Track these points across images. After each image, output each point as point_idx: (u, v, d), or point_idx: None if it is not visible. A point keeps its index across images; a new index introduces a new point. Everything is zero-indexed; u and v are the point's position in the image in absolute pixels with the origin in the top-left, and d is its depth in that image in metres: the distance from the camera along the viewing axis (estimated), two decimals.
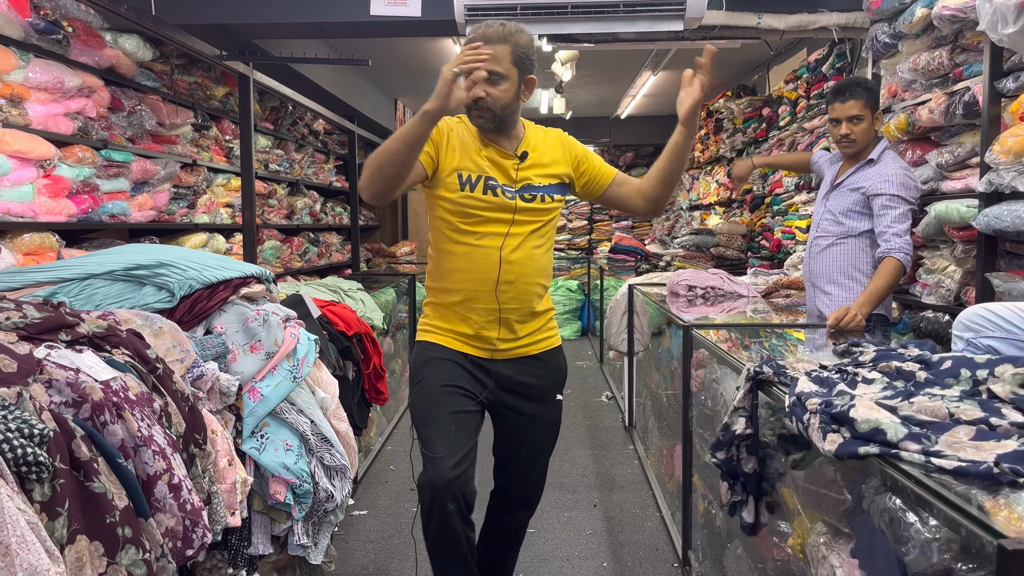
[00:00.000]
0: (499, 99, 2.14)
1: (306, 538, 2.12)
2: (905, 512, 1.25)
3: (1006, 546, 0.91)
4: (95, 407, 1.27)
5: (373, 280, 5.42)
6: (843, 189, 3.09)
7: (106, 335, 1.49)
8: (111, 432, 1.28)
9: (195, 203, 4.59)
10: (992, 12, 2.57)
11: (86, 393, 1.27)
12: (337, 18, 4.21)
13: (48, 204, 3.20)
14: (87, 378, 1.30)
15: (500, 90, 2.13)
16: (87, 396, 1.27)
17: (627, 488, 3.96)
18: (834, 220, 3.09)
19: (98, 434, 1.24)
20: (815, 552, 1.60)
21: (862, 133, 3.03)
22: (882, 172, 2.97)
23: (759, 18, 4.14)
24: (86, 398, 1.27)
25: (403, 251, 8.78)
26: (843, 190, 3.09)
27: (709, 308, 3.56)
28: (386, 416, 4.92)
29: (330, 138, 7.59)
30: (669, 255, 6.62)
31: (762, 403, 2.16)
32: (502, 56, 2.12)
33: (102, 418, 1.28)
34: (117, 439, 1.29)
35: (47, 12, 3.24)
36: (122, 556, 1.20)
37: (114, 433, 1.29)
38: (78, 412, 1.27)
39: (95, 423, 1.27)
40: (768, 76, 6.79)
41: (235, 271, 2.19)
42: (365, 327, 3.11)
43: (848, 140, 3.04)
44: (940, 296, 3.21)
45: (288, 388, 2.09)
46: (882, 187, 2.93)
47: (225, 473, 1.74)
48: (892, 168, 2.97)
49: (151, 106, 4.05)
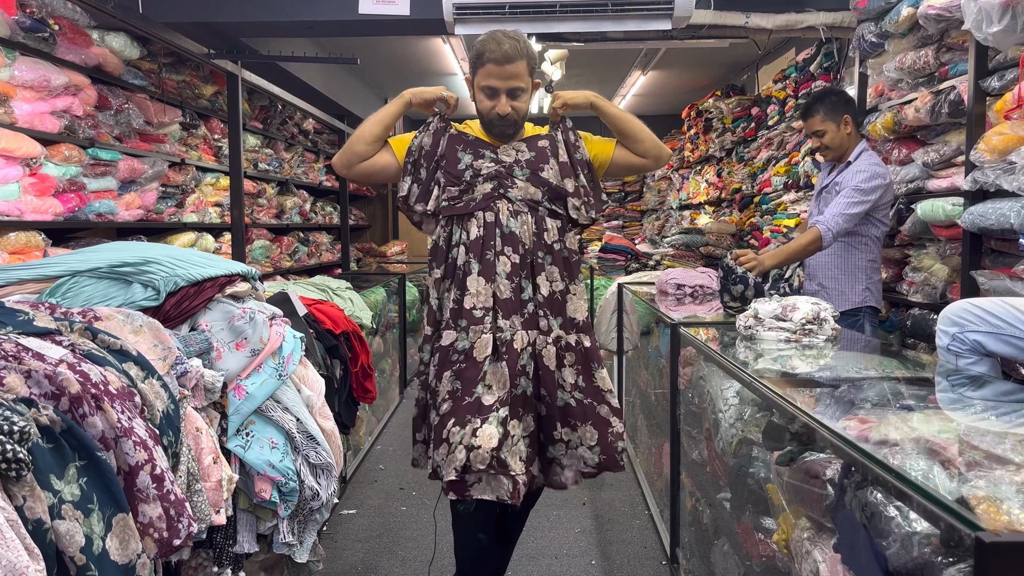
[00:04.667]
0: (521, 110, 2.36)
1: (291, 536, 2.11)
2: (886, 506, 1.26)
3: (984, 539, 0.92)
4: (73, 400, 1.27)
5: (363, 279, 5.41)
6: (830, 191, 3.31)
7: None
8: (90, 424, 1.28)
9: (183, 202, 4.57)
10: (977, 11, 2.58)
11: (63, 386, 1.27)
12: (325, 16, 4.20)
13: (34, 203, 3.19)
14: (65, 370, 1.29)
15: (522, 102, 2.35)
16: (64, 389, 1.27)
17: (616, 486, 3.96)
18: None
19: (77, 427, 1.23)
20: (799, 547, 1.61)
21: (831, 141, 3.30)
22: (853, 168, 3.21)
23: (747, 17, 4.16)
24: (64, 391, 1.27)
25: (393, 251, 8.77)
26: (830, 192, 3.32)
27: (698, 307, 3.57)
28: (376, 416, 4.92)
29: (320, 137, 7.57)
30: (659, 254, 6.63)
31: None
32: (522, 72, 2.29)
33: (81, 410, 1.28)
34: (97, 431, 1.29)
35: (33, 10, 3.23)
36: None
37: (93, 425, 1.29)
38: (57, 404, 1.26)
39: (74, 415, 1.27)
40: (757, 76, 6.81)
41: (221, 269, 2.18)
42: (353, 325, 3.10)
43: (822, 151, 3.36)
44: (926, 294, 3.23)
45: (274, 386, 2.09)
46: (847, 180, 3.17)
47: (210, 471, 1.74)
48: (862, 165, 3.19)
49: (139, 104, 4.04)
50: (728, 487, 2.24)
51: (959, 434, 1.45)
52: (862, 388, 1.82)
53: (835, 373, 2.11)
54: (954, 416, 1.62)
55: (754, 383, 1.80)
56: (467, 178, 2.33)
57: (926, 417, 1.51)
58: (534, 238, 2.33)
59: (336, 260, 7.53)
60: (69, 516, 1.21)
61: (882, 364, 2.23)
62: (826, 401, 1.71)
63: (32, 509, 1.14)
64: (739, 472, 2.08)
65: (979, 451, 1.32)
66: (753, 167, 6.00)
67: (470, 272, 2.31)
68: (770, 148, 5.70)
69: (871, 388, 1.83)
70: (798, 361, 2.20)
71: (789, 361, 2.19)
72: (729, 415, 2.26)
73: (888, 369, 2.13)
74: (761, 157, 5.84)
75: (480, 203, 2.32)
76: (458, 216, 2.34)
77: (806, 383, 1.93)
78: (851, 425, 1.43)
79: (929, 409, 1.63)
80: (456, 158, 2.35)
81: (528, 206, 2.33)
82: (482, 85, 2.31)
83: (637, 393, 4.38)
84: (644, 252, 7.05)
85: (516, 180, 2.33)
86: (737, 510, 2.14)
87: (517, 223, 2.32)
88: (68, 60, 3.45)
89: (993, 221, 2.63)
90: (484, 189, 2.32)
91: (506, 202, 2.32)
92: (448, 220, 2.36)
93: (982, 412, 1.68)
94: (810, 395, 1.77)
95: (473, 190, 2.33)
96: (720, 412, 2.31)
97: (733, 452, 2.16)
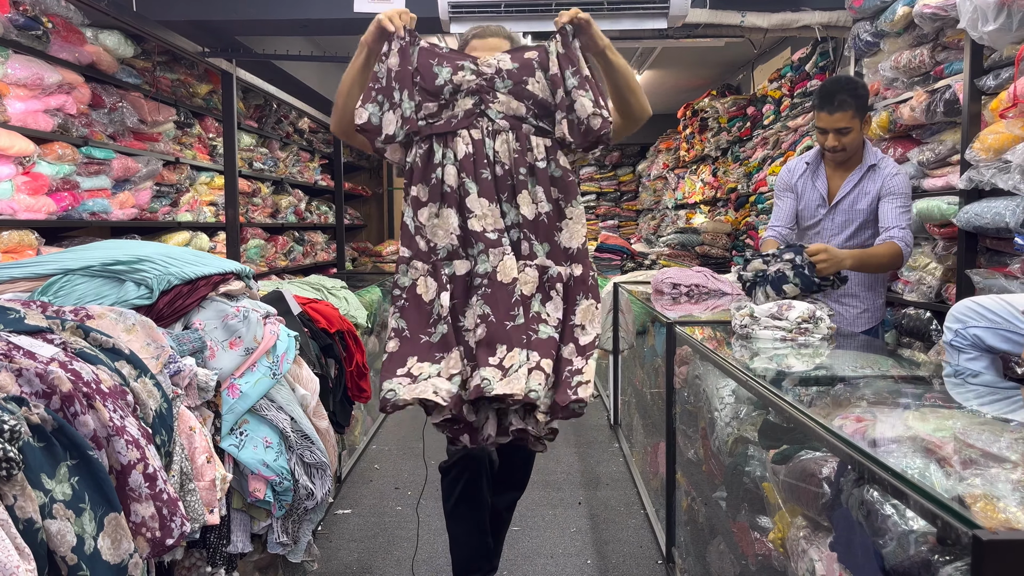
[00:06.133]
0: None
1: (286, 536, 2.10)
2: (882, 504, 1.25)
3: (981, 536, 0.91)
4: (64, 398, 1.26)
5: (358, 279, 5.40)
6: (851, 201, 3.02)
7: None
8: (82, 423, 1.27)
9: (178, 201, 4.56)
10: (972, 10, 2.59)
11: (55, 384, 1.26)
12: (320, 15, 4.19)
13: (27, 201, 3.17)
14: (56, 369, 1.28)
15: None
16: (56, 387, 1.26)
17: (612, 486, 3.96)
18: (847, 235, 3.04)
19: (68, 426, 1.22)
20: (795, 546, 1.60)
21: (852, 143, 2.95)
22: (884, 173, 2.96)
23: (743, 16, 4.16)
24: (55, 389, 1.26)
25: (389, 250, 8.76)
26: (851, 203, 3.02)
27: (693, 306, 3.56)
28: (371, 415, 4.90)
29: (315, 136, 7.55)
30: (654, 254, 6.63)
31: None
32: (504, 47, 2.27)
33: (72, 409, 1.27)
34: (88, 429, 1.28)
35: (26, 8, 3.21)
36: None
37: (85, 424, 1.28)
38: (48, 403, 1.25)
39: (65, 414, 1.26)
40: (752, 75, 6.81)
41: (214, 267, 2.17)
42: (348, 324, 3.09)
43: (837, 151, 2.98)
44: (921, 293, 3.23)
45: (267, 385, 2.08)
46: (893, 187, 2.92)
47: (203, 470, 1.73)
48: (892, 167, 2.97)
49: (133, 103, 4.02)
50: (724, 486, 2.24)
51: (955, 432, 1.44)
52: (858, 386, 1.82)
53: (831, 372, 2.11)
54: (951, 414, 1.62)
55: (750, 382, 1.80)
56: (446, 94, 2.13)
57: (922, 415, 1.51)
58: (515, 155, 2.13)
59: (331, 260, 7.52)
60: (60, 515, 1.20)
61: (878, 363, 2.24)
62: (822, 399, 1.70)
63: (23, 508, 1.13)
64: (735, 471, 2.08)
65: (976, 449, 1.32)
66: (749, 167, 6.00)
67: (468, 193, 2.12)
68: (766, 147, 5.70)
69: (867, 386, 1.83)
70: (794, 360, 2.20)
71: (785, 360, 2.19)
72: (725, 414, 2.25)
73: (884, 368, 2.14)
74: (757, 156, 5.84)
75: (462, 120, 2.13)
76: (438, 134, 2.14)
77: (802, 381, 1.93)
78: (847, 423, 1.43)
79: (925, 407, 1.62)
80: (432, 73, 2.13)
81: (510, 123, 2.13)
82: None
83: (633, 392, 4.38)
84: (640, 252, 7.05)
85: (497, 94, 2.13)
86: (733, 509, 2.14)
87: (496, 142, 2.14)
88: (62, 58, 3.44)
89: (988, 220, 2.64)
90: (465, 105, 2.13)
91: (487, 120, 2.13)
92: (427, 139, 2.15)
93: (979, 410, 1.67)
94: (806, 393, 1.76)
95: (453, 106, 2.13)
96: (716, 411, 2.31)
97: (729, 451, 2.16)
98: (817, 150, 3.13)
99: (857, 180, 3.00)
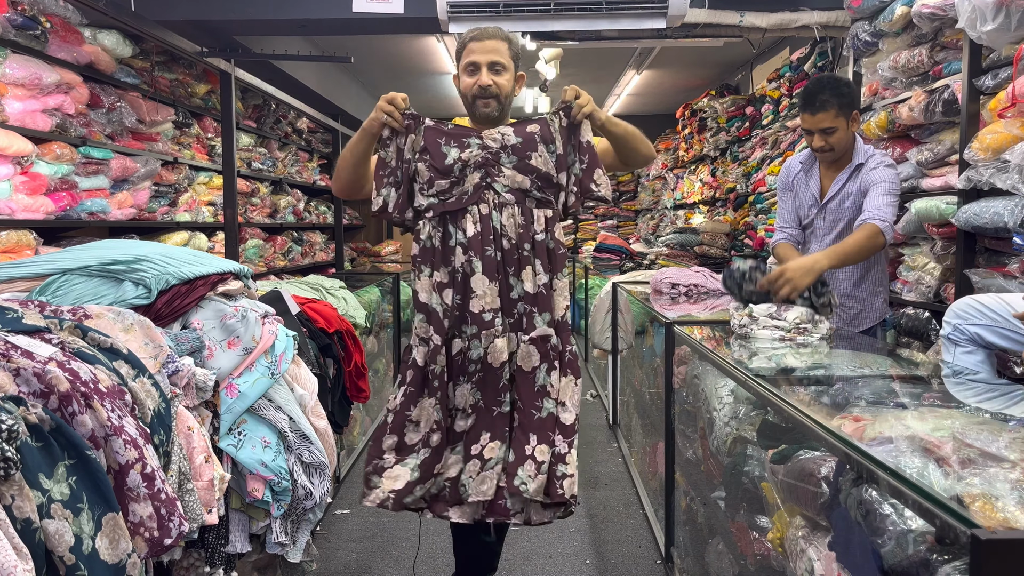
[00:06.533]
0: (504, 87, 2.31)
1: (284, 536, 2.10)
2: (881, 504, 1.25)
3: (979, 536, 0.91)
4: (62, 398, 1.26)
5: (357, 279, 5.39)
6: (838, 201, 3.01)
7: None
8: (80, 423, 1.27)
9: (176, 201, 4.55)
10: (971, 10, 2.59)
11: (53, 384, 1.26)
12: (319, 15, 4.19)
13: (25, 201, 3.17)
14: (54, 368, 1.28)
15: (504, 79, 2.31)
16: (54, 387, 1.26)
17: (611, 486, 3.96)
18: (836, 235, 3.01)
19: (66, 425, 1.22)
20: (794, 546, 1.60)
21: (839, 142, 2.92)
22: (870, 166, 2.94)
23: (741, 16, 4.16)
24: (53, 389, 1.25)
25: (388, 250, 8.75)
26: (838, 202, 3.01)
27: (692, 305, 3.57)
28: (370, 415, 4.90)
29: (314, 136, 7.55)
30: (653, 254, 6.63)
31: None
32: (503, 50, 2.30)
33: (70, 408, 1.26)
34: (86, 429, 1.28)
35: (25, 8, 3.21)
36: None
37: (83, 423, 1.27)
38: (46, 403, 1.25)
39: (63, 414, 1.26)
40: (751, 75, 6.81)
41: (213, 267, 2.17)
42: (346, 324, 3.09)
43: (825, 151, 2.95)
44: (920, 293, 3.23)
45: (266, 384, 2.08)
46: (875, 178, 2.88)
47: (202, 470, 1.73)
48: (880, 159, 2.95)
49: (131, 103, 4.02)
50: (723, 486, 2.24)
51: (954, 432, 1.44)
52: (857, 386, 1.82)
53: (829, 371, 2.11)
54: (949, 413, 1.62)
55: (749, 381, 1.80)
56: (456, 171, 2.22)
57: (921, 415, 1.50)
58: (520, 230, 2.22)
59: (330, 259, 7.51)
60: (58, 515, 1.20)
61: (876, 363, 2.24)
62: (821, 399, 1.70)
63: (21, 508, 1.13)
64: (733, 471, 2.08)
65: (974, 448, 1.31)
66: (747, 166, 6.00)
67: (473, 272, 2.20)
68: (764, 147, 5.70)
69: (866, 386, 1.83)
70: (792, 359, 2.20)
71: (783, 359, 2.19)
72: (723, 414, 2.25)
73: (882, 368, 2.14)
74: (755, 156, 5.84)
75: (472, 196, 2.21)
76: (451, 213, 2.23)
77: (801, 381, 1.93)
78: (846, 423, 1.43)
79: (924, 407, 1.62)
80: (441, 153, 2.23)
81: (515, 196, 2.22)
82: (465, 63, 2.32)
83: (632, 393, 4.38)
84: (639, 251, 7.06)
85: (503, 168, 2.22)
86: (732, 509, 2.14)
87: (503, 216, 2.21)
88: (60, 58, 3.43)
89: (987, 220, 2.64)
90: (473, 180, 2.21)
91: (492, 193, 2.21)
92: (440, 218, 2.24)
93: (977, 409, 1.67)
94: (804, 393, 1.76)
95: (463, 182, 2.22)
96: (714, 411, 2.31)
97: (727, 451, 2.16)
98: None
99: (845, 180, 2.98)
